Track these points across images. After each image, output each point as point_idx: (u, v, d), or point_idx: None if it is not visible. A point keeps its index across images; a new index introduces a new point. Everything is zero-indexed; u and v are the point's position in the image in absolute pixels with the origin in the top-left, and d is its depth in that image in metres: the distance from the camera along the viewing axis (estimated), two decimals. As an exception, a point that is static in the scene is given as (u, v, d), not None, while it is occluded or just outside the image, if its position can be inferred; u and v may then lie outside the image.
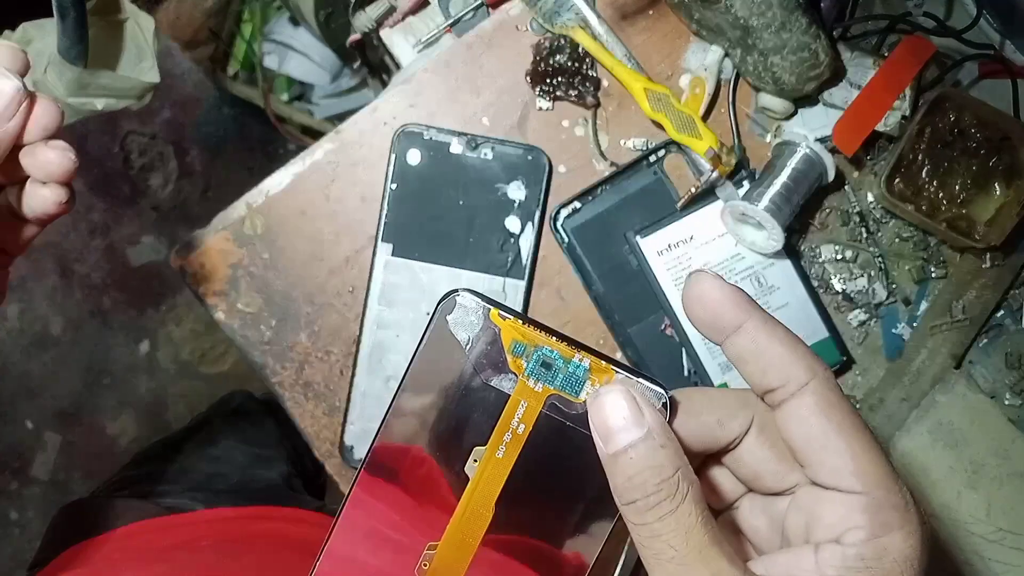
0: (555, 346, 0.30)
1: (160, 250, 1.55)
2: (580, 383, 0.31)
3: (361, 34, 0.62)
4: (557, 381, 0.31)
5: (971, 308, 0.60)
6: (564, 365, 0.30)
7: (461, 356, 0.31)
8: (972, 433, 0.59)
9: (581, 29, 0.57)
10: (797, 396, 0.30)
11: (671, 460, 0.29)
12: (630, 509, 0.29)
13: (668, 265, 0.57)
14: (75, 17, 0.57)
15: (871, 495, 0.29)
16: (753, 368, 0.31)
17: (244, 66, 1.43)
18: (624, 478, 0.29)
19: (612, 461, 0.29)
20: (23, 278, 1.53)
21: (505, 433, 0.31)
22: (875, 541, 0.28)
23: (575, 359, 0.30)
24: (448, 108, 0.59)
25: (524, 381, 0.31)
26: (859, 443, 0.29)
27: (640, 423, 0.29)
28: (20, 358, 1.52)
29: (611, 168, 0.59)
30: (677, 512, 0.28)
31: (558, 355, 0.30)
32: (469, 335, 0.30)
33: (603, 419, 0.30)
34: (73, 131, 1.52)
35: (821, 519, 0.30)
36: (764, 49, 0.54)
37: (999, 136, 0.57)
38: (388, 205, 0.58)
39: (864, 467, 0.29)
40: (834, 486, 0.29)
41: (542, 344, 0.30)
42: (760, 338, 0.30)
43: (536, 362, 0.31)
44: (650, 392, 0.30)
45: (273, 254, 0.59)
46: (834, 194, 0.60)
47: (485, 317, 0.30)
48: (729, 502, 0.35)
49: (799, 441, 0.30)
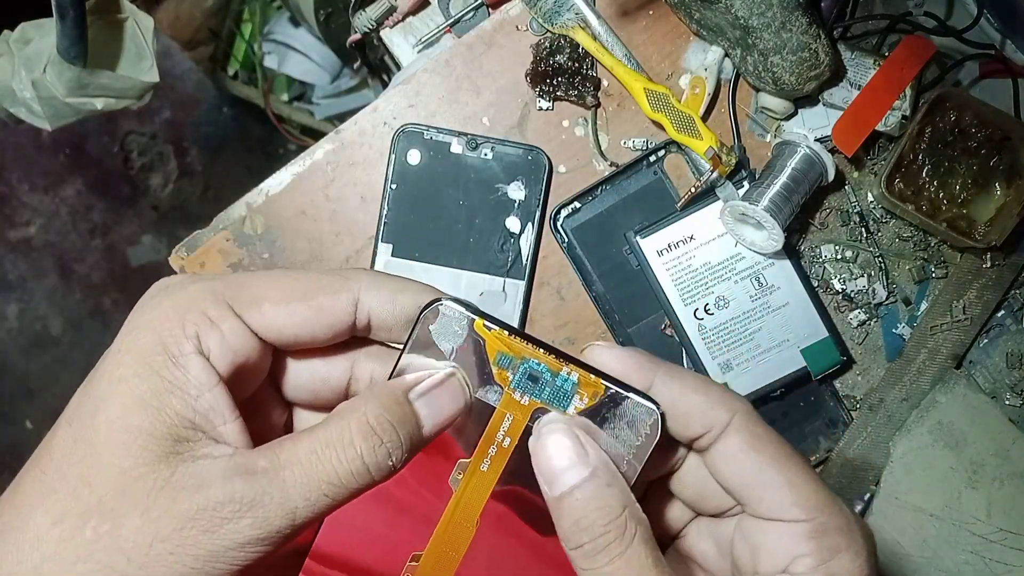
0: (543, 359, 0.30)
1: (160, 250, 1.55)
2: (568, 397, 0.30)
3: (361, 34, 0.62)
4: (544, 394, 0.30)
5: (971, 308, 0.60)
6: (552, 378, 0.30)
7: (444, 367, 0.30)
8: (972, 433, 0.59)
9: (581, 29, 0.57)
10: (722, 438, 0.30)
11: (618, 499, 0.28)
12: (578, 553, 0.28)
13: (668, 265, 0.57)
14: (74, 17, 0.57)
15: (815, 521, 0.28)
16: (673, 423, 0.30)
17: (244, 66, 1.43)
18: (571, 521, 0.28)
19: (557, 504, 0.28)
20: (23, 278, 1.53)
21: (490, 446, 0.30)
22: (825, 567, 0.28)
23: (563, 372, 0.30)
24: (448, 108, 0.59)
25: (510, 394, 0.30)
26: (795, 471, 0.29)
27: (585, 462, 0.28)
28: (20, 358, 1.52)
29: (611, 168, 0.59)
30: (627, 554, 0.27)
31: (545, 368, 0.30)
32: (452, 345, 0.30)
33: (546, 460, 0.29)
34: (73, 131, 1.52)
35: (766, 550, 0.29)
36: (764, 49, 0.54)
37: (999, 136, 0.57)
38: (388, 205, 0.58)
39: (803, 495, 0.29)
40: (776, 517, 0.29)
41: (529, 356, 0.30)
42: (672, 392, 0.30)
43: (523, 375, 0.30)
44: (641, 408, 0.29)
45: (273, 254, 0.59)
46: (834, 194, 0.60)
47: (469, 327, 0.29)
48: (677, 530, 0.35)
49: (734, 481, 0.30)
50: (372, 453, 0.27)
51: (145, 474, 0.25)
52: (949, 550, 0.58)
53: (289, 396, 0.33)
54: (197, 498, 0.25)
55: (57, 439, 0.27)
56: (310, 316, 0.29)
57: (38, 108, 0.64)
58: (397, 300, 0.30)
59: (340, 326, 0.30)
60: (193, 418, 0.27)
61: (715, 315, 0.57)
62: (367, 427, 0.27)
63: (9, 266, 1.53)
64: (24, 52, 0.63)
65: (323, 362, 0.32)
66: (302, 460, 0.26)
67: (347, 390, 0.33)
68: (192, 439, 0.26)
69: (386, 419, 0.27)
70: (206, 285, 0.29)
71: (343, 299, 0.30)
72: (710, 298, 0.58)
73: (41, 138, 1.52)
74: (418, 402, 0.29)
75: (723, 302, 0.58)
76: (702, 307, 0.58)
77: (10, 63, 0.63)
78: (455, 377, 0.30)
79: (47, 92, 0.63)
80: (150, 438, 0.26)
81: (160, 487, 0.25)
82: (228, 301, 0.29)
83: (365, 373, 0.32)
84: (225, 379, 0.28)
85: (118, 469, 0.25)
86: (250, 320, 0.29)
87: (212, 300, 0.28)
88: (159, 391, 0.26)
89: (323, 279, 0.30)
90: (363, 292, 0.30)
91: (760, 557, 0.29)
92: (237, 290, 0.29)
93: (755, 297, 0.57)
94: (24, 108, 0.65)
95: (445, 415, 0.29)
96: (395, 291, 0.30)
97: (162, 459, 0.26)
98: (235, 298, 0.29)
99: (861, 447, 0.59)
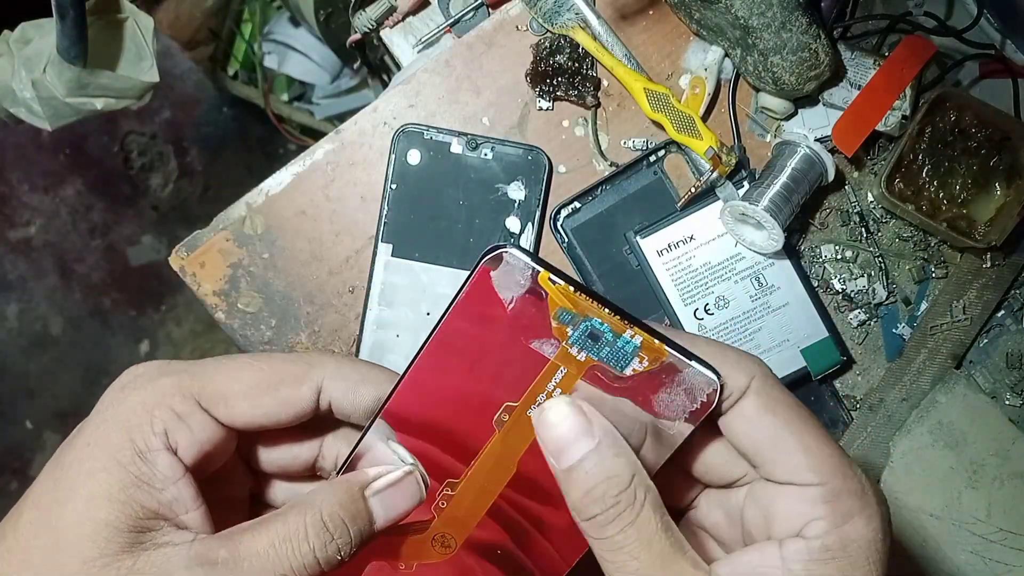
0: (606, 319, 0.29)
1: (160, 250, 1.55)
2: (627, 359, 0.29)
3: (361, 34, 0.62)
4: (603, 354, 0.29)
5: (971, 308, 0.60)
6: (613, 339, 0.29)
7: (502, 314, 0.29)
8: (972, 433, 0.59)
9: (581, 29, 0.57)
10: (740, 401, 0.30)
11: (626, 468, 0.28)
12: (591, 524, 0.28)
13: (668, 265, 0.57)
14: (74, 17, 0.57)
15: (828, 485, 0.28)
16: None
17: (244, 66, 1.43)
18: (581, 493, 0.28)
19: (567, 477, 0.29)
20: (23, 278, 1.53)
21: (539, 394, 0.30)
22: (838, 531, 0.28)
23: (626, 334, 0.29)
24: (448, 108, 0.59)
25: (567, 348, 0.29)
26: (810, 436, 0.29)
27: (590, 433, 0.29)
28: (20, 358, 1.52)
29: (611, 168, 0.59)
30: (637, 521, 0.28)
31: (608, 328, 0.29)
32: (513, 294, 0.29)
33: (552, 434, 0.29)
34: (73, 131, 1.52)
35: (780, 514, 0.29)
36: (764, 49, 0.54)
37: (999, 136, 0.57)
38: (388, 205, 0.58)
39: (819, 458, 0.29)
40: (790, 481, 0.29)
41: (592, 315, 0.29)
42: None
43: (583, 332, 0.29)
44: (701, 377, 0.29)
45: (273, 254, 0.59)
46: (834, 194, 0.60)
47: (533, 279, 0.29)
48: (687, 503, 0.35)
49: (749, 443, 0.30)
50: (323, 549, 0.29)
51: (108, 563, 0.27)
52: (949, 550, 0.58)
53: (262, 468, 0.35)
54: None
55: (24, 521, 0.28)
56: (274, 408, 0.31)
57: (38, 108, 0.64)
58: (358, 391, 0.32)
59: (302, 414, 0.32)
60: (157, 509, 0.28)
61: (715, 315, 0.57)
62: (320, 524, 0.29)
63: (9, 266, 1.53)
64: (24, 52, 0.63)
65: (293, 442, 0.34)
66: (260, 553, 0.28)
67: (315, 465, 0.35)
68: (155, 528, 0.28)
69: (339, 516, 0.29)
70: (174, 379, 0.31)
71: (305, 389, 0.32)
72: (710, 298, 0.58)
73: (41, 138, 1.52)
74: (373, 499, 0.31)
75: (723, 302, 0.58)
76: (702, 307, 0.58)
77: (10, 63, 0.63)
78: (413, 475, 0.32)
79: (47, 92, 0.63)
80: (115, 530, 0.27)
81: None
82: (195, 396, 0.30)
83: (333, 452, 0.35)
84: (191, 468, 0.30)
85: (82, 559, 0.27)
86: (217, 413, 0.31)
87: (180, 396, 0.30)
88: (126, 485, 0.28)
89: (287, 368, 0.32)
90: (326, 381, 0.32)
91: (774, 521, 0.30)
92: (203, 384, 0.31)
93: (755, 297, 0.57)
94: (24, 108, 0.65)
95: (398, 512, 0.31)
96: (357, 382, 0.32)
97: (125, 549, 0.27)
98: (201, 393, 0.31)
99: (861, 447, 0.59)
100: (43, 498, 0.29)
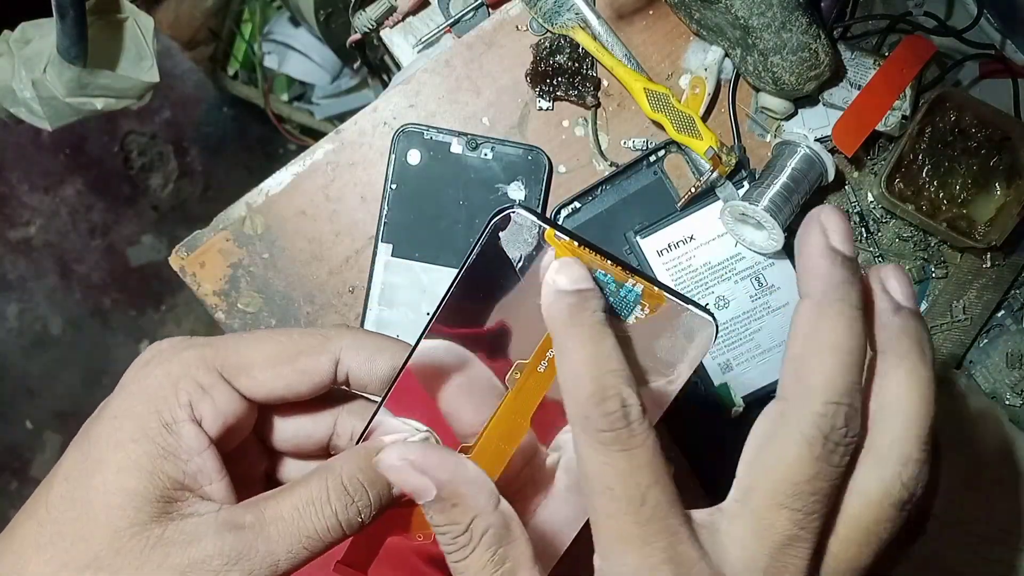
0: (609, 269, 0.30)
1: (160, 250, 1.55)
2: (630, 307, 0.30)
3: (361, 34, 0.62)
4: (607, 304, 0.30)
5: (971, 308, 0.60)
6: (616, 288, 0.30)
7: (511, 273, 0.30)
8: (972, 433, 0.59)
9: (581, 29, 0.57)
10: None
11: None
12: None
13: (668, 265, 0.57)
14: (74, 17, 0.57)
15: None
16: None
17: (244, 66, 1.43)
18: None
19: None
20: (23, 278, 1.53)
21: (548, 350, 0.31)
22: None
23: (628, 283, 0.30)
24: (448, 108, 0.59)
25: None
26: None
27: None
28: (20, 358, 1.52)
29: (611, 168, 0.59)
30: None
31: (611, 279, 0.30)
32: (521, 253, 0.30)
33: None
34: (73, 131, 1.52)
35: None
36: (764, 49, 0.54)
37: (999, 136, 0.57)
38: (388, 205, 0.58)
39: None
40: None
41: (596, 267, 0.30)
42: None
43: None
44: (698, 319, 0.30)
45: (273, 254, 0.59)
46: (834, 194, 0.60)
47: (540, 236, 0.30)
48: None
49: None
50: (345, 511, 0.30)
51: (138, 532, 0.28)
52: (949, 550, 0.58)
53: (276, 446, 0.36)
54: (189, 552, 0.28)
55: (54, 494, 0.29)
56: (294, 378, 0.32)
57: (38, 108, 0.64)
58: (374, 361, 0.33)
59: (321, 384, 0.33)
60: (183, 480, 0.29)
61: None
62: (340, 487, 0.30)
63: (9, 266, 1.53)
64: (24, 52, 0.63)
65: (307, 418, 0.35)
66: (285, 517, 0.29)
67: (329, 444, 0.36)
68: (181, 499, 0.29)
69: (358, 480, 0.30)
70: (197, 352, 0.31)
71: (324, 360, 0.33)
72: (710, 298, 0.58)
73: (41, 138, 1.52)
74: None
75: (723, 302, 0.58)
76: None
77: (10, 63, 0.63)
78: (429, 441, 0.32)
79: (47, 92, 0.63)
80: (143, 500, 0.28)
81: (152, 544, 0.28)
82: (218, 368, 0.31)
83: (347, 429, 0.35)
84: (215, 441, 0.31)
85: (113, 528, 0.28)
86: (239, 385, 0.32)
87: (203, 368, 0.31)
88: (153, 456, 0.29)
89: (305, 340, 0.33)
90: (343, 352, 0.33)
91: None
92: (226, 356, 0.32)
93: (755, 297, 0.57)
94: (24, 108, 0.65)
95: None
96: (373, 352, 0.33)
97: (154, 519, 0.28)
98: (224, 365, 0.31)
99: (861, 447, 0.59)
100: (72, 471, 0.29)
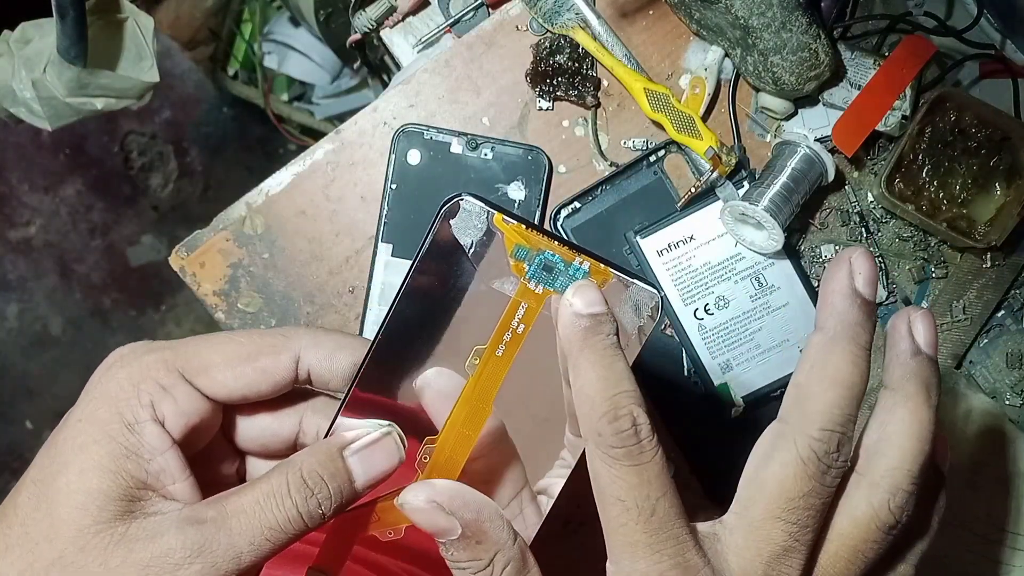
0: (557, 250, 0.31)
1: (160, 250, 1.55)
2: None
3: (361, 34, 0.62)
4: (557, 283, 0.31)
5: (971, 308, 0.60)
6: (565, 268, 0.31)
7: (463, 259, 0.31)
8: (972, 433, 0.59)
9: (581, 29, 0.57)
10: None
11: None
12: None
13: (668, 265, 0.57)
14: (74, 17, 0.57)
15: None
16: None
17: (244, 66, 1.43)
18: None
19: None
20: (23, 278, 1.53)
21: (505, 333, 0.32)
22: None
23: (575, 262, 0.31)
24: (448, 108, 0.59)
25: (525, 284, 0.31)
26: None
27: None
28: (20, 358, 1.52)
29: (611, 168, 0.59)
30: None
31: (560, 259, 0.31)
32: (471, 239, 0.31)
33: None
34: (73, 131, 1.52)
35: None
36: (764, 49, 0.54)
37: (1000, 136, 0.57)
38: (388, 205, 0.58)
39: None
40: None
41: (545, 248, 0.31)
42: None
43: (538, 266, 0.31)
44: (644, 292, 0.31)
45: (273, 254, 0.59)
46: (834, 194, 0.60)
47: (489, 221, 0.31)
48: None
49: None
50: (305, 503, 0.30)
51: (102, 530, 0.28)
52: (949, 550, 0.58)
53: (242, 447, 0.36)
54: (151, 547, 0.28)
55: (22, 498, 0.30)
56: (255, 377, 0.33)
57: (38, 108, 0.64)
58: (335, 358, 0.34)
59: (282, 383, 0.33)
60: (146, 479, 0.30)
61: (715, 315, 0.57)
62: (300, 480, 0.30)
63: (9, 266, 1.53)
64: (24, 52, 0.63)
65: (272, 417, 0.36)
66: (246, 510, 0.29)
67: (296, 442, 0.36)
68: (145, 498, 0.30)
69: (317, 473, 0.30)
70: (158, 355, 0.32)
71: (284, 359, 0.33)
72: (710, 298, 0.58)
73: (41, 138, 1.52)
74: (352, 458, 0.32)
75: (723, 302, 0.58)
76: (702, 307, 0.58)
77: (10, 63, 0.63)
78: (391, 436, 0.33)
79: (47, 92, 0.63)
80: (107, 499, 0.29)
81: (116, 541, 0.28)
82: (179, 369, 0.32)
83: (312, 427, 0.36)
84: (178, 441, 0.31)
85: (77, 527, 0.28)
86: (200, 385, 0.32)
87: (164, 370, 0.32)
88: (116, 455, 0.29)
89: (264, 340, 0.33)
90: (303, 351, 0.33)
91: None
92: (187, 358, 0.32)
93: (755, 297, 0.57)
94: (24, 108, 0.65)
95: (377, 471, 0.32)
96: (333, 350, 0.34)
97: (118, 517, 0.29)
98: (185, 366, 0.32)
99: (861, 447, 0.59)
100: (39, 475, 0.30)
